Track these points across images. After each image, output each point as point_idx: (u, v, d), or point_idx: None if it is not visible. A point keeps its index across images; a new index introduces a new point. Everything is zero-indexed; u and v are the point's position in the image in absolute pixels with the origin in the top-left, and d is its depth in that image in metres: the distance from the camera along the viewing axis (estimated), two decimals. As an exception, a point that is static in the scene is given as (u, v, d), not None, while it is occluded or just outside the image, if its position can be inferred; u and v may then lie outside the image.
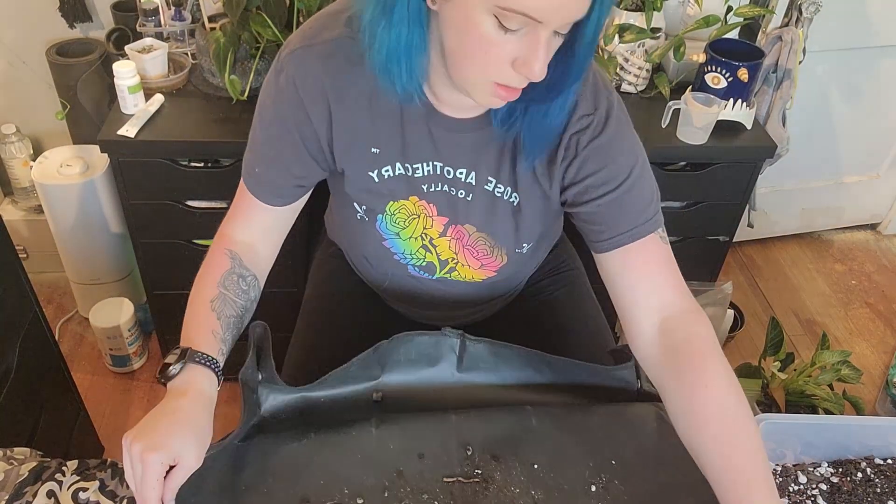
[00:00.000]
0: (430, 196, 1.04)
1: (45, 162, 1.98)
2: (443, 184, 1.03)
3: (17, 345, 1.42)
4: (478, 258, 1.10)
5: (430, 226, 1.06)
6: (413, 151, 0.99)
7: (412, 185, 1.03)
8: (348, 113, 0.95)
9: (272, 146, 1.00)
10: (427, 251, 1.09)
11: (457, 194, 1.03)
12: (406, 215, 1.05)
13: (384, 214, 1.05)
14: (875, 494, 1.01)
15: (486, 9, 0.75)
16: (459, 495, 0.85)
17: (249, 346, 0.94)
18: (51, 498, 0.91)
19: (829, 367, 1.79)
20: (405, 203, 1.04)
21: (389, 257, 1.11)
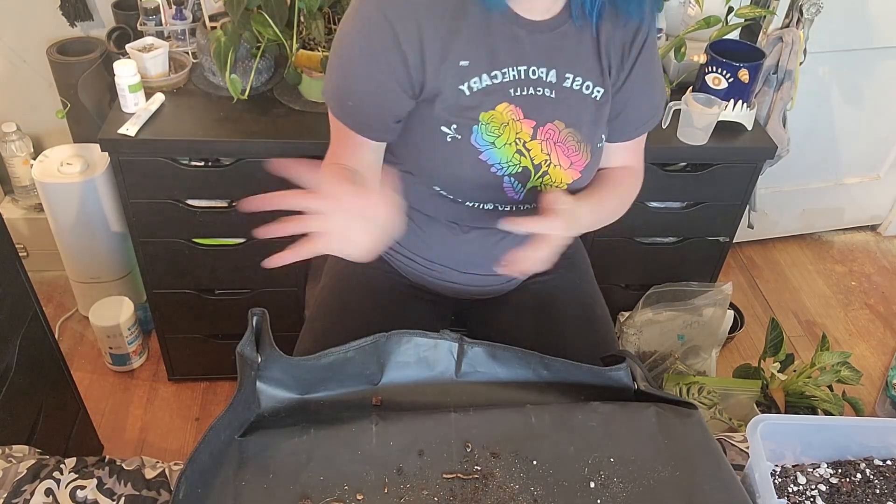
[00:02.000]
0: (516, 100, 1.08)
1: (46, 160, 1.98)
2: (528, 86, 1.08)
3: (17, 343, 1.42)
4: (568, 155, 1.14)
5: (521, 129, 1.10)
6: (499, 58, 1.05)
7: (500, 92, 1.07)
8: (438, 30, 1.01)
9: (363, 82, 1.04)
10: (521, 156, 1.11)
11: (543, 94, 1.09)
12: (499, 123, 1.08)
13: (479, 125, 1.08)
14: (874, 495, 1.01)
15: None
16: (459, 492, 0.85)
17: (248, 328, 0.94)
18: (49, 496, 0.91)
19: (829, 369, 1.79)
20: (494, 113, 1.08)
21: (486, 172, 1.11)
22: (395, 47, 1.00)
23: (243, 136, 1.58)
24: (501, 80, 1.06)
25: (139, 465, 0.96)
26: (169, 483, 0.94)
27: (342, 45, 1.04)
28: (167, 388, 2.09)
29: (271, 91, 1.73)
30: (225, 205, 1.70)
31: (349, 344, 0.97)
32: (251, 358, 0.92)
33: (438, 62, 1.03)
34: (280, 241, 1.88)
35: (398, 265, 1.31)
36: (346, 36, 1.04)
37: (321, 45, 1.61)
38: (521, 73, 1.07)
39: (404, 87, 1.04)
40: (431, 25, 1.01)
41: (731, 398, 1.83)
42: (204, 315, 1.92)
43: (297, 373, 0.96)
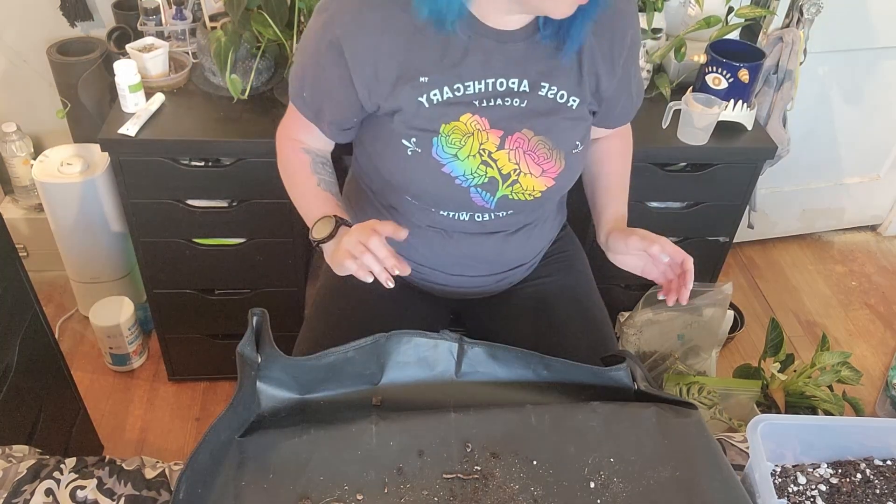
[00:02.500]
0: (482, 111, 1.08)
1: (46, 160, 1.98)
2: (496, 97, 1.07)
3: (17, 343, 1.42)
4: (538, 163, 1.13)
5: (486, 140, 1.09)
6: (463, 71, 1.05)
7: (464, 104, 1.07)
8: (395, 48, 1.02)
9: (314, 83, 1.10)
10: (488, 166, 1.11)
11: (512, 103, 1.08)
12: (460, 135, 1.08)
13: (439, 137, 1.07)
14: (874, 495, 1.01)
15: None
16: (459, 492, 0.85)
17: (248, 328, 0.94)
18: (49, 496, 0.91)
19: (829, 369, 1.79)
20: (457, 124, 1.07)
21: (450, 184, 1.11)
22: (343, 65, 1.04)
23: (243, 136, 1.58)
24: (464, 93, 1.06)
25: (139, 466, 0.96)
26: (169, 483, 0.94)
27: (302, 43, 1.10)
28: (167, 388, 2.09)
29: (271, 91, 1.73)
30: (225, 205, 1.70)
31: (349, 344, 0.97)
32: (251, 358, 0.93)
33: (395, 80, 1.04)
34: (279, 242, 1.88)
35: None
36: (305, 37, 1.09)
37: (321, 45, 1.61)
38: (489, 84, 1.06)
39: (350, 100, 1.08)
40: (387, 44, 1.01)
41: (732, 398, 1.83)
42: (204, 315, 1.92)
43: (297, 373, 0.96)
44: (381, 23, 1.01)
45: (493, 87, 1.06)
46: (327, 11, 1.03)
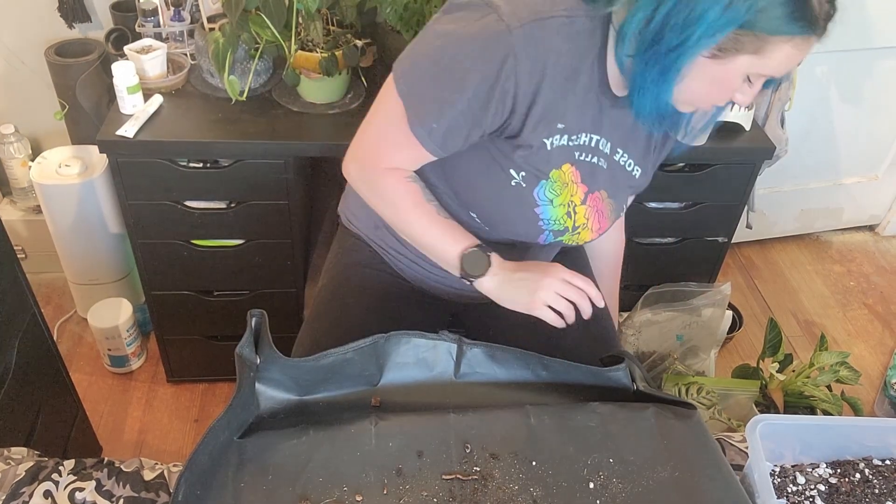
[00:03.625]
0: (578, 164, 1.10)
1: (44, 162, 1.98)
2: (590, 153, 1.10)
3: (16, 345, 1.42)
4: (600, 222, 1.17)
5: (575, 192, 1.12)
6: (582, 122, 1.06)
7: (569, 153, 1.08)
8: (554, 89, 1.00)
9: (462, 113, 0.99)
10: (569, 217, 1.13)
11: (598, 163, 1.11)
12: (562, 183, 1.10)
13: (547, 181, 1.08)
14: (873, 495, 1.01)
15: (747, 73, 0.94)
16: (458, 493, 0.85)
17: (247, 329, 0.94)
18: (48, 498, 0.91)
19: (828, 369, 1.79)
20: (561, 171, 1.09)
21: (532, 224, 1.12)
22: (512, 94, 0.97)
23: (242, 138, 1.58)
24: (573, 143, 1.07)
25: (138, 467, 0.96)
26: (167, 484, 0.94)
27: (453, 68, 0.97)
28: (166, 390, 2.09)
29: (270, 92, 1.73)
30: (223, 206, 1.70)
31: (348, 345, 0.97)
32: (250, 359, 0.93)
33: (541, 116, 1.02)
34: (277, 244, 1.88)
35: (399, 266, 1.31)
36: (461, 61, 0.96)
37: (319, 46, 1.61)
38: (590, 140, 1.08)
39: (495, 125, 1.02)
40: (551, 83, 0.99)
41: (730, 398, 1.83)
42: (202, 316, 1.92)
43: (296, 374, 0.96)
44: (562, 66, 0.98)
45: (591, 142, 1.09)
46: (503, 23, 0.94)
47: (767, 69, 0.93)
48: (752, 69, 0.93)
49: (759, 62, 0.92)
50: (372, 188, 1.14)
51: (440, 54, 0.98)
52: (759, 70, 0.93)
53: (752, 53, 0.91)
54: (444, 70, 0.97)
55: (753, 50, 0.91)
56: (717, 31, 0.89)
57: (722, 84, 0.96)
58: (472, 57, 0.95)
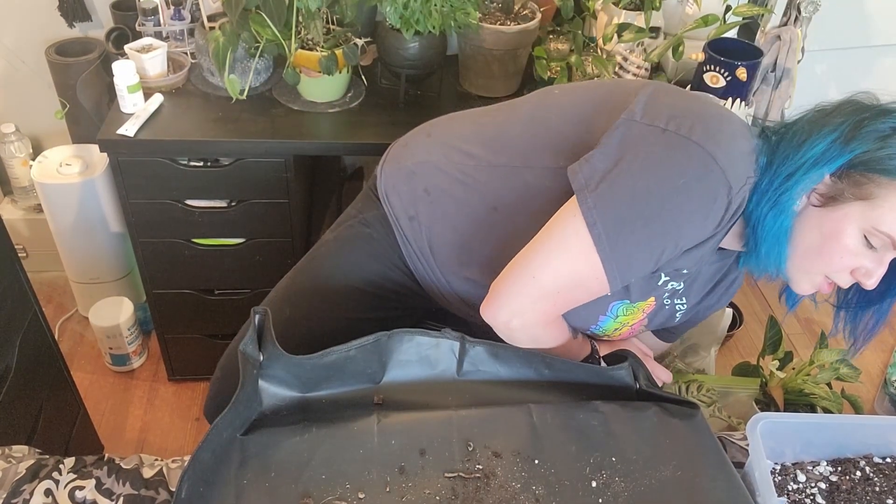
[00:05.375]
0: (658, 300, 1.10)
1: (45, 161, 1.98)
2: (671, 297, 1.10)
3: (17, 344, 1.42)
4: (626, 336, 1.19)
5: (639, 317, 1.12)
6: (684, 270, 1.05)
7: (661, 291, 1.08)
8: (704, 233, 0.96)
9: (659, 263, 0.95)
10: (616, 330, 1.14)
11: (669, 303, 1.12)
12: (638, 310, 1.09)
13: (632, 304, 1.08)
14: (874, 493, 1.01)
15: (861, 227, 0.88)
16: (461, 491, 0.85)
17: (251, 327, 0.94)
18: (48, 496, 0.91)
19: (828, 366, 1.79)
20: (643, 304, 1.09)
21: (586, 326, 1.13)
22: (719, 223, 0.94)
23: (242, 137, 1.58)
24: (666, 285, 1.07)
25: (137, 464, 0.96)
26: (167, 481, 0.94)
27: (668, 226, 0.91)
28: (167, 389, 2.09)
29: (270, 91, 1.73)
30: (224, 205, 1.70)
31: (351, 343, 0.97)
32: (253, 356, 0.93)
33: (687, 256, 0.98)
34: (278, 242, 1.88)
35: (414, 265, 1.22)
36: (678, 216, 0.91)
37: (319, 45, 1.61)
38: (676, 287, 1.08)
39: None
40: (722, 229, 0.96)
41: (731, 396, 1.83)
42: (203, 315, 1.92)
43: (299, 371, 0.96)
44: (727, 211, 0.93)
45: (677, 287, 1.08)
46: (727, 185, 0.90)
47: (886, 225, 0.87)
48: (865, 222, 0.88)
49: (872, 213, 0.87)
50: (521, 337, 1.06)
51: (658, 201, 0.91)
52: (877, 224, 0.87)
53: (862, 200, 0.87)
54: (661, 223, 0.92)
55: (862, 196, 0.87)
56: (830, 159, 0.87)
57: (834, 239, 0.90)
58: (693, 214, 0.91)
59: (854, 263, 0.92)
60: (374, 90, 1.79)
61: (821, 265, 0.94)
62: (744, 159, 0.93)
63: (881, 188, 0.86)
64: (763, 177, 0.93)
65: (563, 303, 1.00)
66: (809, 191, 0.91)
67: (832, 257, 0.92)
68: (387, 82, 1.81)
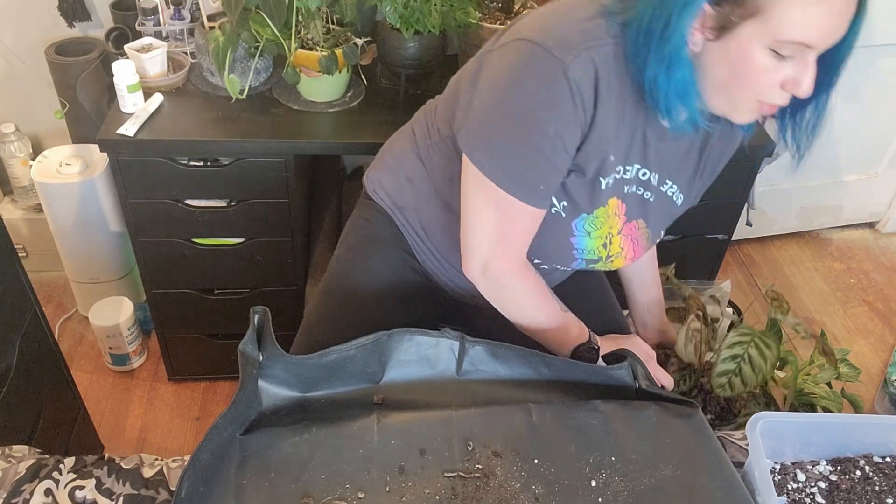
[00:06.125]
0: (626, 197, 1.09)
1: (45, 161, 1.98)
2: (638, 185, 1.09)
3: (17, 343, 1.42)
4: (635, 250, 1.16)
5: (615, 224, 1.11)
6: (631, 156, 1.04)
7: (618, 189, 1.07)
8: (606, 122, 0.97)
9: (551, 160, 0.98)
10: (605, 248, 1.12)
11: (643, 194, 1.10)
12: (604, 217, 1.09)
13: (589, 216, 1.08)
14: (874, 492, 1.01)
15: (763, 44, 0.86)
16: (460, 490, 0.85)
17: (250, 326, 0.94)
18: (48, 496, 0.91)
19: (828, 366, 1.79)
20: (606, 208, 1.08)
21: (566, 252, 1.12)
22: (578, 119, 0.95)
23: (242, 136, 1.58)
24: (622, 177, 1.06)
25: (137, 464, 0.96)
26: (167, 481, 0.94)
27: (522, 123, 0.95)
28: (167, 388, 2.09)
29: (270, 91, 1.73)
30: (224, 204, 1.70)
31: (350, 342, 0.97)
32: (253, 356, 0.93)
33: (594, 150, 1.00)
34: (278, 242, 1.88)
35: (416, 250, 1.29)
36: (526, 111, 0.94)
37: (319, 44, 1.61)
38: (638, 173, 1.07)
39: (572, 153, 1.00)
40: (604, 116, 0.96)
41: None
42: (203, 315, 1.92)
43: (298, 371, 0.96)
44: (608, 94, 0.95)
45: (638, 175, 1.07)
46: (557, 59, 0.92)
47: (786, 33, 0.84)
48: (765, 37, 0.85)
49: (766, 26, 0.84)
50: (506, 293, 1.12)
51: (508, 115, 0.95)
52: (777, 35, 0.84)
53: (751, 17, 0.84)
54: (521, 129, 0.95)
55: (749, 13, 0.84)
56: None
57: (743, 65, 0.88)
58: (541, 103, 0.93)
59: (777, 78, 0.89)
60: (374, 90, 1.79)
61: (746, 93, 0.92)
62: (575, 31, 0.93)
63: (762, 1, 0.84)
64: (630, 39, 0.92)
65: (513, 238, 1.05)
66: (696, 29, 0.89)
67: (752, 82, 0.90)
68: (387, 82, 1.81)
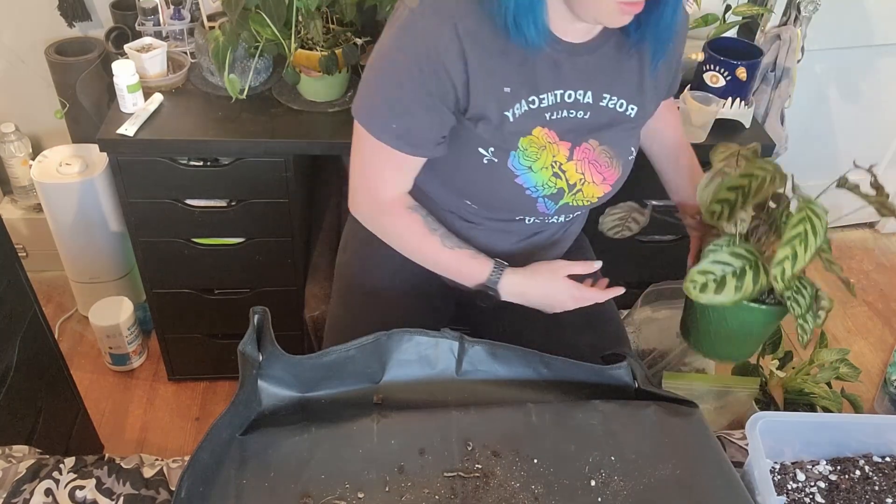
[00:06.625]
0: (551, 123, 1.08)
1: (45, 161, 1.98)
2: (564, 109, 1.08)
3: (17, 343, 1.42)
4: (601, 172, 1.15)
5: (557, 152, 1.10)
6: (539, 83, 1.05)
7: (538, 117, 1.07)
8: (483, 56, 1.00)
9: (409, 102, 1.03)
10: (558, 178, 1.12)
11: (577, 115, 1.09)
12: (536, 147, 1.09)
13: (517, 150, 1.08)
14: (873, 492, 1.01)
15: None
16: (460, 490, 0.85)
17: (250, 327, 0.95)
18: (48, 496, 0.92)
19: (828, 366, 1.79)
20: (532, 137, 1.08)
21: (520, 194, 1.12)
22: (441, 66, 0.99)
23: (242, 136, 1.58)
24: (539, 105, 1.06)
25: (138, 464, 0.96)
26: (167, 481, 0.94)
27: (383, 67, 1.03)
28: (167, 388, 2.09)
29: (270, 91, 1.73)
30: (224, 204, 1.70)
31: (350, 342, 0.97)
32: (253, 356, 0.93)
33: (484, 87, 1.02)
34: (278, 242, 1.88)
35: None
36: (388, 57, 1.02)
37: (319, 44, 1.61)
38: (558, 96, 1.07)
39: (448, 104, 1.04)
40: (476, 50, 0.99)
41: (730, 396, 1.84)
42: (203, 315, 1.92)
43: (298, 371, 0.96)
44: (475, 28, 0.99)
45: (561, 98, 1.07)
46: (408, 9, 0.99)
47: None
48: None
49: None
50: (379, 230, 1.19)
51: (375, 66, 1.04)
52: None
53: None
54: (382, 74, 1.04)
55: None
56: None
57: None
58: (395, 49, 1.01)
59: None
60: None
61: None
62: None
63: None
64: None
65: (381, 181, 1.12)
66: None
67: None
68: (386, 82, 1.81)
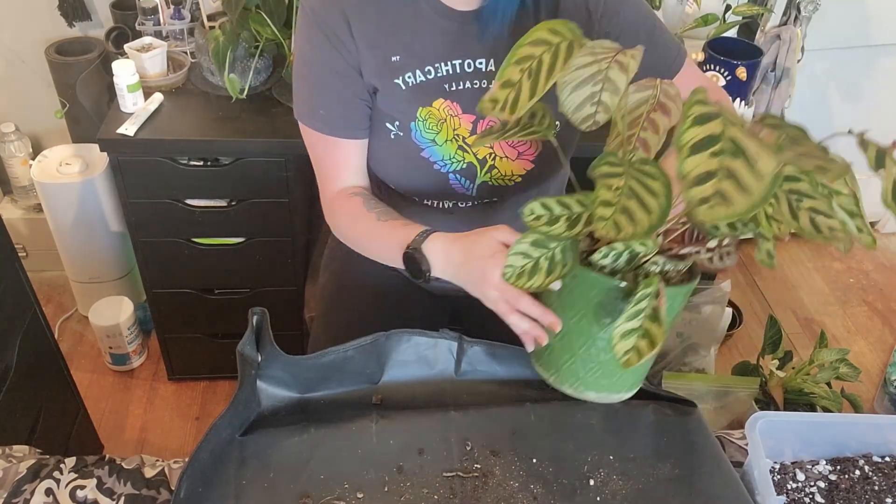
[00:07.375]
0: (453, 95, 1.07)
1: (45, 161, 1.98)
2: (464, 80, 1.06)
3: (17, 343, 1.43)
4: (513, 146, 1.11)
5: (459, 125, 1.09)
6: (431, 52, 1.04)
7: (436, 88, 1.06)
8: (365, 26, 1.01)
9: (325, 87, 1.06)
10: (464, 151, 1.11)
11: (480, 86, 1.07)
12: (436, 120, 1.08)
13: (416, 122, 1.08)
14: (873, 492, 1.01)
15: None
16: (459, 490, 0.85)
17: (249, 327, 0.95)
18: (49, 496, 0.92)
19: (828, 366, 1.79)
20: (431, 109, 1.07)
21: (429, 169, 1.11)
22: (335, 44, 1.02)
23: (242, 136, 1.59)
24: (435, 76, 1.05)
25: (139, 464, 0.96)
26: (168, 481, 0.94)
27: (297, 60, 1.08)
28: (167, 388, 2.09)
29: (270, 90, 1.73)
30: (224, 204, 1.71)
31: (349, 343, 0.97)
32: (252, 357, 0.93)
33: (370, 57, 1.04)
34: (278, 242, 1.88)
35: None
36: (297, 50, 1.08)
37: (319, 44, 1.61)
38: (456, 66, 1.05)
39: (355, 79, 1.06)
40: (359, 22, 1.02)
41: (730, 395, 1.84)
42: (203, 315, 1.92)
43: (297, 371, 0.96)
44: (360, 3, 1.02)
45: (460, 69, 1.06)
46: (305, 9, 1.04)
47: None
48: None
49: None
50: (335, 228, 1.17)
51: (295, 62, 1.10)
52: None
53: None
54: (298, 66, 1.08)
55: None
56: None
57: None
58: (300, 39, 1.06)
59: None
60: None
61: None
62: None
63: None
64: None
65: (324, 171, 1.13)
66: None
67: None
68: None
